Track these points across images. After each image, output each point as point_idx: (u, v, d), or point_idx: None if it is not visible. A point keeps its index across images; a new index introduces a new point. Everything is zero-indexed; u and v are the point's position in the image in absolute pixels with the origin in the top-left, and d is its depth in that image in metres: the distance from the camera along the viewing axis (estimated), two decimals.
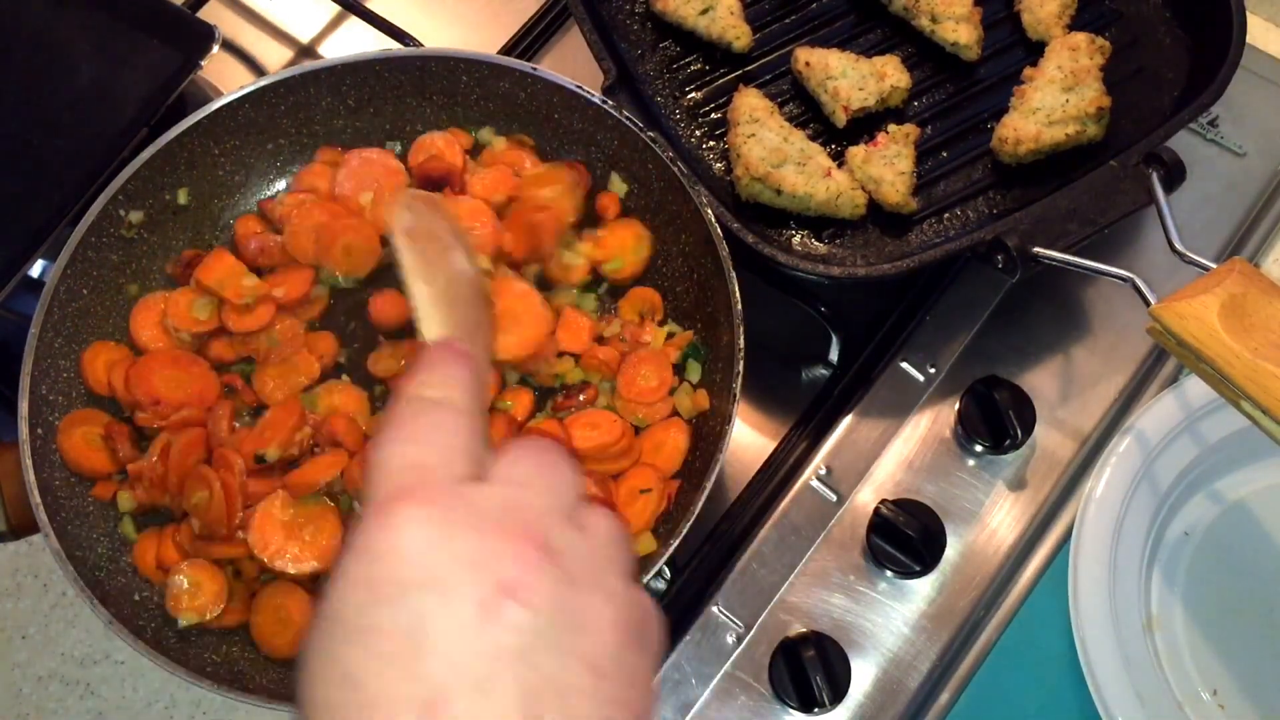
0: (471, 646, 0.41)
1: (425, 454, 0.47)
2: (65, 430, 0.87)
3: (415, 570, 0.43)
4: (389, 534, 0.44)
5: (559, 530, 0.45)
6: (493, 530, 0.44)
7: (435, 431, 0.48)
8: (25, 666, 1.09)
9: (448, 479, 0.46)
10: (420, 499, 0.44)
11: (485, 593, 0.42)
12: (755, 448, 1.00)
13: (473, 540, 0.43)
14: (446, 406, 0.49)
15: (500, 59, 0.97)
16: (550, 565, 0.44)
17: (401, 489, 0.45)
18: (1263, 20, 1.17)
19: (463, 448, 0.48)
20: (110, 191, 0.91)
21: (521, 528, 0.44)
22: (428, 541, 0.43)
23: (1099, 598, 0.88)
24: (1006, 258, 0.90)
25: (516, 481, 0.47)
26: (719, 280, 0.88)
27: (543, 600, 0.43)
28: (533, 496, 0.47)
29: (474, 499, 0.45)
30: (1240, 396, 0.77)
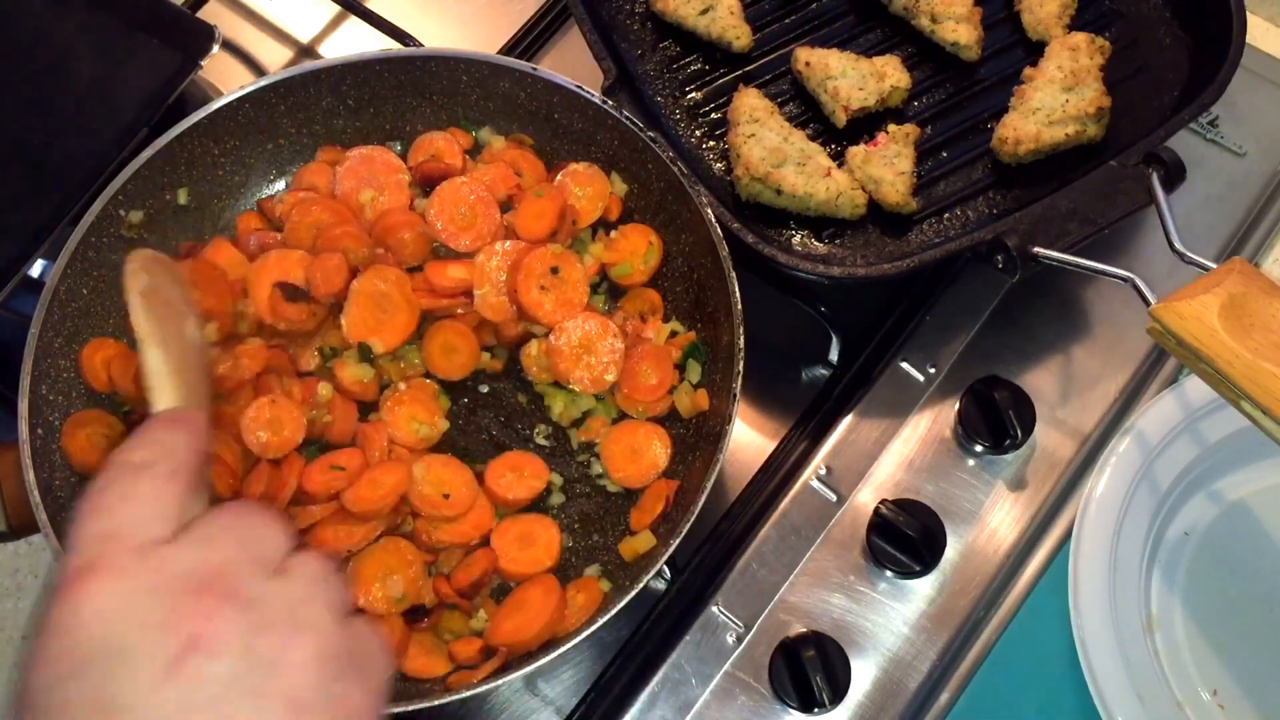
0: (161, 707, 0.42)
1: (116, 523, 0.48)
2: (70, 431, 0.87)
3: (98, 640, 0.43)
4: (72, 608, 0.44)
5: (250, 579, 0.46)
6: (177, 589, 0.45)
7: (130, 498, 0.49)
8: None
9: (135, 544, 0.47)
10: (103, 570, 0.45)
11: (171, 651, 0.43)
12: (755, 448, 1.00)
13: (156, 602, 0.45)
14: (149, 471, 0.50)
15: (500, 59, 0.97)
16: (238, 613, 0.45)
17: (88, 562, 0.46)
18: (1263, 20, 1.17)
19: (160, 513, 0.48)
20: (110, 191, 0.91)
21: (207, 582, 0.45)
22: (110, 610, 0.44)
23: (1099, 598, 0.88)
24: (1006, 258, 0.90)
25: (204, 540, 0.48)
26: (719, 280, 0.88)
27: (232, 648, 0.44)
28: (223, 550, 0.47)
29: (160, 562, 0.46)
30: (1240, 396, 0.77)
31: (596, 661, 0.92)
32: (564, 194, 0.96)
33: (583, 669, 0.92)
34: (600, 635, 0.78)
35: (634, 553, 0.86)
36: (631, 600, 0.78)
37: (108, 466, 0.50)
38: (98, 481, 0.50)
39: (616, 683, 0.91)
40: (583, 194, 0.96)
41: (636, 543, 0.86)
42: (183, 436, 0.53)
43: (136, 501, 0.49)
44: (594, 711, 0.90)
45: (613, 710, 0.90)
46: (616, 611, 0.77)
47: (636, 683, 0.90)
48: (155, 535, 0.47)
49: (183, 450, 0.52)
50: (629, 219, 0.98)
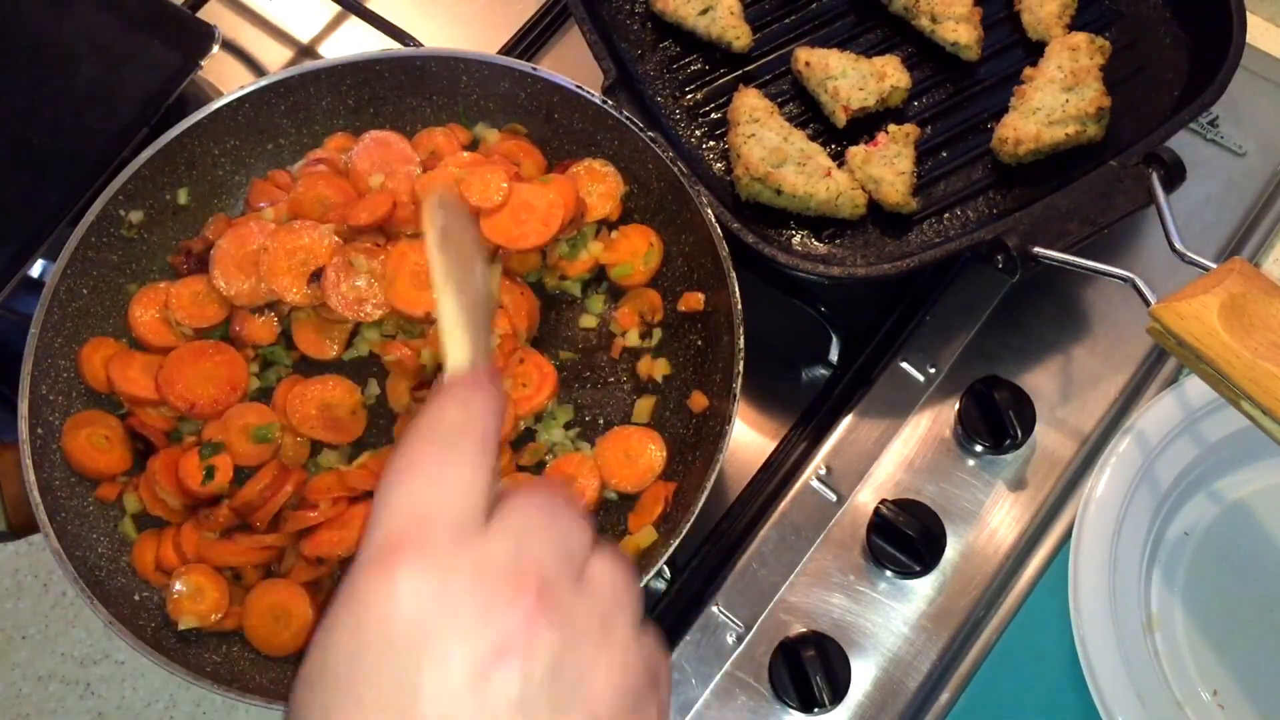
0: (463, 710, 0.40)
1: (431, 496, 0.45)
2: (70, 432, 0.87)
3: (408, 625, 0.42)
4: (384, 585, 0.42)
5: (562, 584, 0.44)
6: (492, 586, 0.43)
7: (444, 472, 0.46)
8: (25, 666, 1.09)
9: (451, 527, 0.44)
10: (418, 550, 0.43)
11: (481, 653, 0.41)
12: (755, 448, 1.00)
13: (470, 597, 0.42)
14: (459, 442, 0.47)
15: (500, 59, 0.97)
16: (550, 622, 0.42)
17: (401, 537, 0.44)
18: (1263, 20, 1.17)
19: (473, 490, 0.46)
20: (110, 191, 0.91)
21: (522, 584, 0.43)
22: (421, 597, 0.42)
23: (1099, 598, 0.88)
24: (1006, 258, 0.90)
25: (520, 532, 0.45)
26: (719, 280, 0.88)
27: (541, 659, 0.42)
28: (537, 549, 0.45)
29: (474, 552, 0.44)
30: (1240, 396, 0.77)
31: None
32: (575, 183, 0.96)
33: None
34: None
35: (636, 549, 0.86)
36: None
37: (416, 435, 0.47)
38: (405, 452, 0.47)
39: None
40: (594, 190, 0.96)
41: (638, 539, 0.86)
42: (487, 401, 0.49)
43: (450, 477, 0.46)
44: None
45: None
46: None
47: None
48: (470, 516, 0.45)
49: (491, 418, 0.48)
50: (629, 219, 0.98)
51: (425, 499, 0.45)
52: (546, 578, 0.44)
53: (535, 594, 0.43)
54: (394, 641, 0.41)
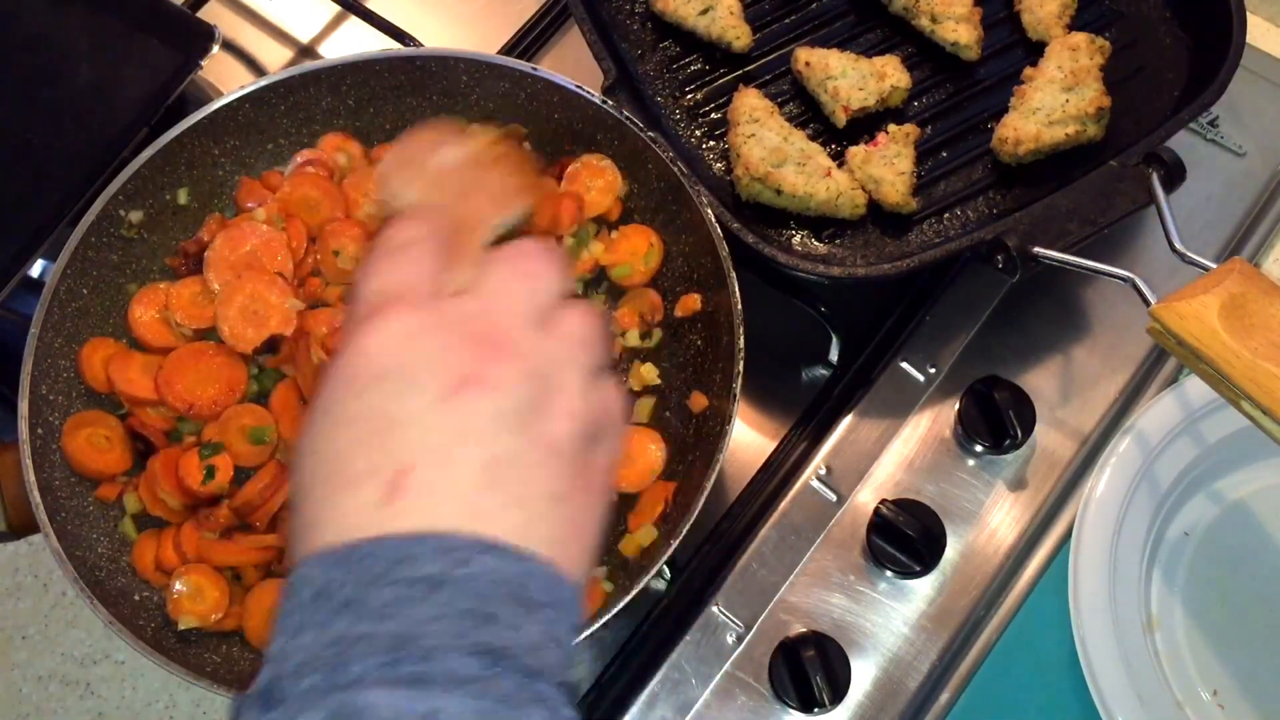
0: (438, 425, 0.47)
1: (402, 276, 0.52)
2: (70, 432, 0.87)
3: (388, 362, 0.48)
4: (367, 337, 0.49)
5: (525, 332, 0.51)
6: (461, 333, 0.49)
7: (406, 262, 0.53)
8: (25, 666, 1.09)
9: (424, 292, 0.51)
10: (399, 304, 0.50)
11: (449, 382, 0.48)
12: (755, 448, 1.00)
13: (440, 339, 0.49)
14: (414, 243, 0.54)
15: (500, 59, 0.97)
16: (512, 362, 0.49)
17: (380, 301, 0.51)
18: (1263, 20, 1.17)
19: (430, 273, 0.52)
20: (110, 191, 0.91)
21: (488, 331, 0.50)
22: (400, 339, 0.49)
23: (1099, 598, 0.88)
24: (1006, 258, 0.90)
25: (489, 290, 0.52)
26: (719, 280, 0.88)
27: (502, 389, 0.48)
28: (503, 303, 0.51)
29: (446, 308, 0.51)
30: (1240, 396, 0.77)
31: (596, 661, 0.92)
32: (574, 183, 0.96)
33: (582, 669, 0.92)
34: (600, 635, 0.79)
35: (636, 547, 0.86)
36: (631, 600, 0.78)
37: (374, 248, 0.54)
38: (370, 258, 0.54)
39: (616, 683, 0.91)
40: (593, 186, 0.96)
41: (639, 537, 0.86)
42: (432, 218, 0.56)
43: (414, 263, 0.53)
44: (594, 711, 0.90)
45: (613, 710, 0.90)
46: (616, 612, 0.77)
47: (636, 683, 0.90)
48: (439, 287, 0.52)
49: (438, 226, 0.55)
50: (629, 219, 0.98)
51: (397, 278, 0.52)
52: (510, 325, 0.51)
53: (498, 338, 0.50)
54: (375, 376, 0.48)
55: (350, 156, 0.98)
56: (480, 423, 0.47)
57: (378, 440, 0.47)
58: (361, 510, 0.46)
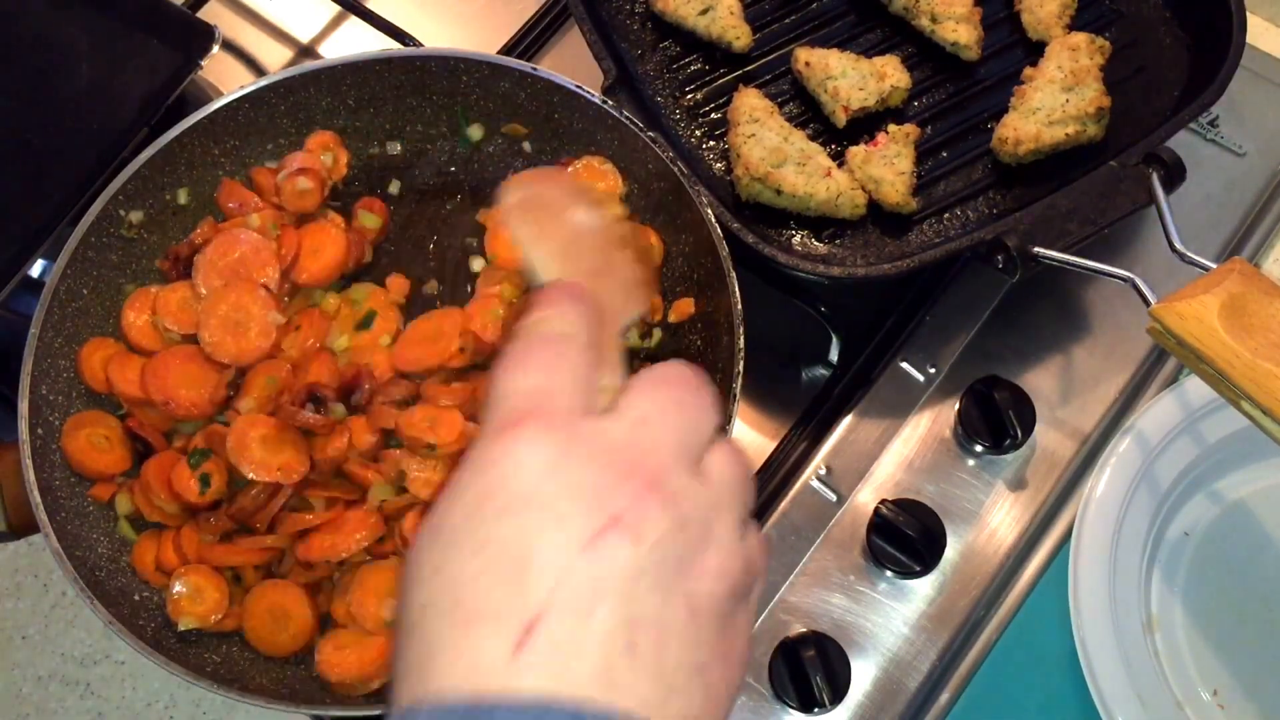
0: (577, 571, 0.42)
1: (545, 382, 0.47)
2: (70, 432, 0.87)
3: (529, 488, 0.43)
4: (505, 451, 0.44)
5: (677, 472, 0.45)
6: (609, 464, 0.44)
7: (555, 362, 0.48)
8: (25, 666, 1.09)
9: (569, 407, 0.46)
10: (540, 422, 0.45)
11: (596, 522, 0.43)
12: (755, 448, 1.00)
13: (588, 471, 0.44)
14: (564, 340, 0.49)
15: (500, 59, 0.97)
16: (663, 505, 0.44)
17: (521, 412, 0.45)
18: (1263, 20, 1.17)
19: (582, 380, 0.48)
20: (110, 191, 0.91)
21: (638, 465, 0.45)
22: (543, 464, 0.44)
23: (1099, 598, 0.88)
24: (1006, 258, 0.90)
25: (640, 418, 0.47)
26: (719, 280, 0.88)
27: (652, 538, 0.43)
28: (655, 434, 0.46)
29: (594, 431, 0.45)
30: (1240, 396, 0.77)
31: None
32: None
33: None
34: None
35: None
36: None
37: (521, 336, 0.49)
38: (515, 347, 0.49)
39: None
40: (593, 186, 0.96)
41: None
42: (585, 308, 0.51)
43: (563, 368, 0.48)
44: None
45: None
46: None
47: None
48: (586, 401, 0.47)
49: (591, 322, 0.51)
50: (629, 218, 0.98)
51: (542, 384, 0.47)
52: (662, 462, 0.45)
53: (650, 475, 0.44)
54: (513, 502, 0.43)
55: (335, 157, 0.98)
56: (624, 574, 0.42)
57: (509, 577, 0.42)
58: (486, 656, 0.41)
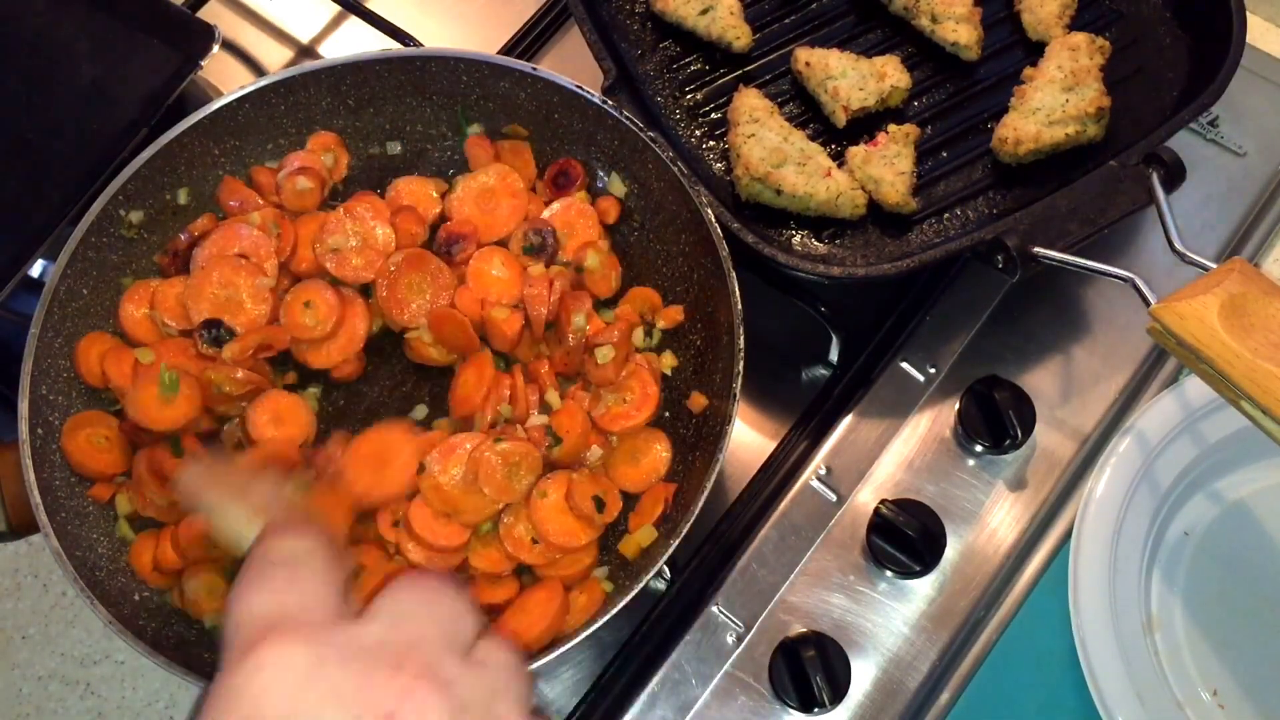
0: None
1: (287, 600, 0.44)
2: (69, 432, 0.87)
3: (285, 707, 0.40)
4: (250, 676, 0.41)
5: (447, 660, 0.43)
6: (371, 663, 0.41)
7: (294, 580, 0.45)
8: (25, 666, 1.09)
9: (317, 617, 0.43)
10: (285, 636, 0.41)
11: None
12: (755, 448, 1.00)
13: (347, 675, 0.41)
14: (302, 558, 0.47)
15: (500, 59, 0.97)
16: (436, 693, 0.41)
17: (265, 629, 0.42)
18: (1263, 20, 1.17)
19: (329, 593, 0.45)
20: (110, 191, 0.91)
21: (404, 659, 0.42)
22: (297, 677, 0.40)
23: (1099, 598, 0.88)
24: (1006, 258, 0.90)
25: (397, 614, 0.44)
26: (719, 280, 0.88)
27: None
28: (418, 628, 0.44)
29: (348, 635, 0.43)
30: (1240, 396, 0.77)
31: (596, 661, 0.92)
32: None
33: (583, 669, 0.92)
34: (600, 635, 0.79)
35: (636, 548, 0.86)
36: (631, 600, 0.78)
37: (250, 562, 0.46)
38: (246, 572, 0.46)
39: (616, 683, 0.91)
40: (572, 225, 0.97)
41: (639, 538, 0.86)
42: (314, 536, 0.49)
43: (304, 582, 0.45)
44: (594, 711, 0.90)
45: (613, 710, 0.90)
46: (616, 611, 0.77)
47: (636, 683, 0.90)
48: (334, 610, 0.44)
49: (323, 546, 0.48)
50: (629, 218, 0.98)
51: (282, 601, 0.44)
52: (429, 653, 0.43)
53: (418, 667, 0.42)
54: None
55: (335, 157, 0.99)
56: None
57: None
58: None
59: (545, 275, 0.93)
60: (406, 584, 0.46)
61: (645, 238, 0.98)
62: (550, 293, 0.91)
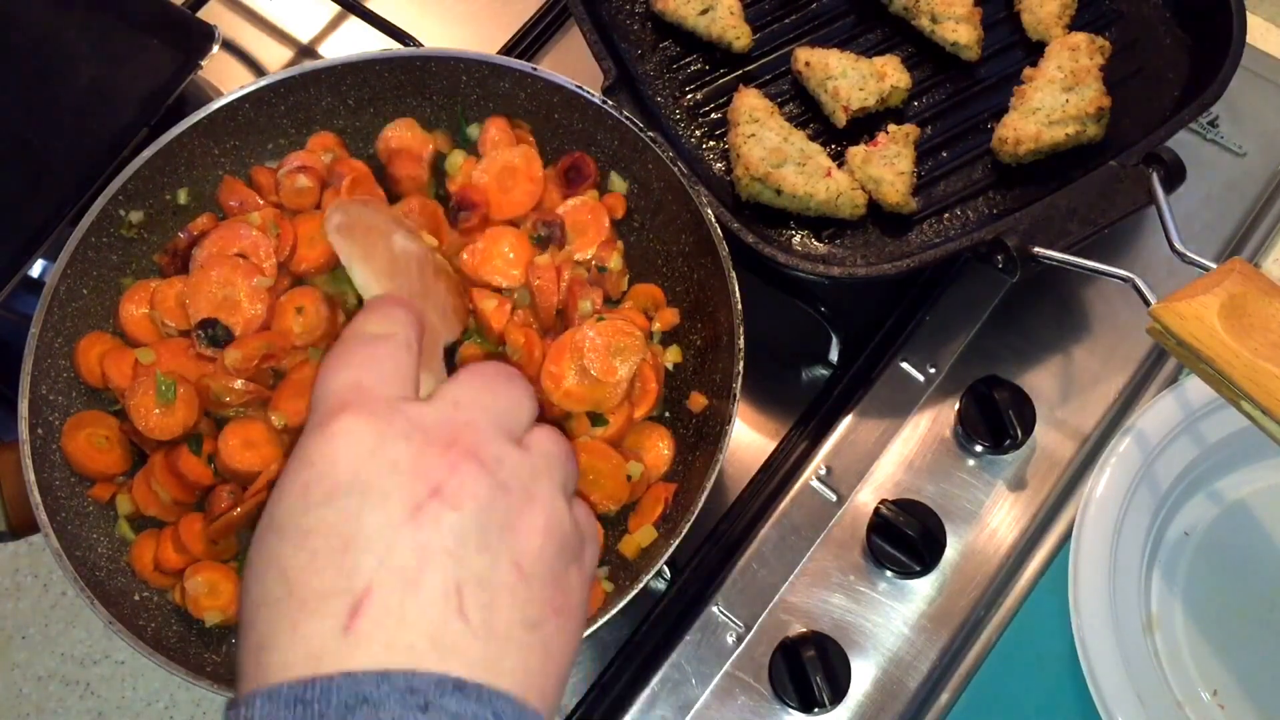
0: (400, 544, 0.44)
1: (363, 376, 0.49)
2: (70, 432, 0.87)
3: (347, 474, 0.45)
4: (324, 442, 0.46)
5: (495, 443, 0.48)
6: (427, 441, 0.46)
7: (374, 359, 0.50)
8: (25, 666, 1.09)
9: (387, 396, 0.48)
10: (357, 411, 0.47)
11: (415, 495, 0.45)
12: (755, 448, 1.00)
13: (405, 448, 0.46)
14: (385, 339, 0.51)
15: (500, 59, 0.97)
16: (482, 471, 0.46)
17: (341, 404, 0.47)
18: (1263, 20, 1.17)
19: (402, 374, 0.50)
20: (110, 191, 0.91)
21: (456, 439, 0.47)
22: (361, 448, 0.46)
23: (1099, 598, 0.88)
24: (1006, 258, 0.90)
25: (456, 400, 0.49)
26: (719, 280, 0.88)
27: (472, 503, 0.45)
28: (473, 414, 0.49)
29: (411, 413, 0.48)
30: (1240, 396, 0.77)
31: (596, 661, 0.92)
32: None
33: (582, 669, 0.92)
34: (600, 635, 0.79)
35: (636, 548, 0.86)
36: (631, 600, 0.78)
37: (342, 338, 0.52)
38: (335, 348, 0.51)
39: (616, 683, 0.91)
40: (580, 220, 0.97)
41: (639, 538, 0.86)
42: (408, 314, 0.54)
43: (381, 362, 0.50)
44: (594, 711, 0.90)
45: (613, 710, 0.90)
46: (616, 611, 0.77)
47: (636, 683, 0.90)
48: (404, 390, 0.49)
49: (413, 326, 0.53)
50: (629, 218, 0.98)
51: (360, 378, 0.49)
52: (479, 434, 0.48)
53: (467, 446, 0.47)
54: (335, 488, 0.45)
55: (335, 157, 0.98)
56: (447, 541, 0.44)
57: (336, 559, 0.44)
58: (318, 638, 0.42)
59: (552, 264, 0.93)
60: (470, 371, 0.52)
61: (645, 238, 0.98)
62: (560, 281, 0.91)
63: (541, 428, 0.52)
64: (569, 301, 0.91)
